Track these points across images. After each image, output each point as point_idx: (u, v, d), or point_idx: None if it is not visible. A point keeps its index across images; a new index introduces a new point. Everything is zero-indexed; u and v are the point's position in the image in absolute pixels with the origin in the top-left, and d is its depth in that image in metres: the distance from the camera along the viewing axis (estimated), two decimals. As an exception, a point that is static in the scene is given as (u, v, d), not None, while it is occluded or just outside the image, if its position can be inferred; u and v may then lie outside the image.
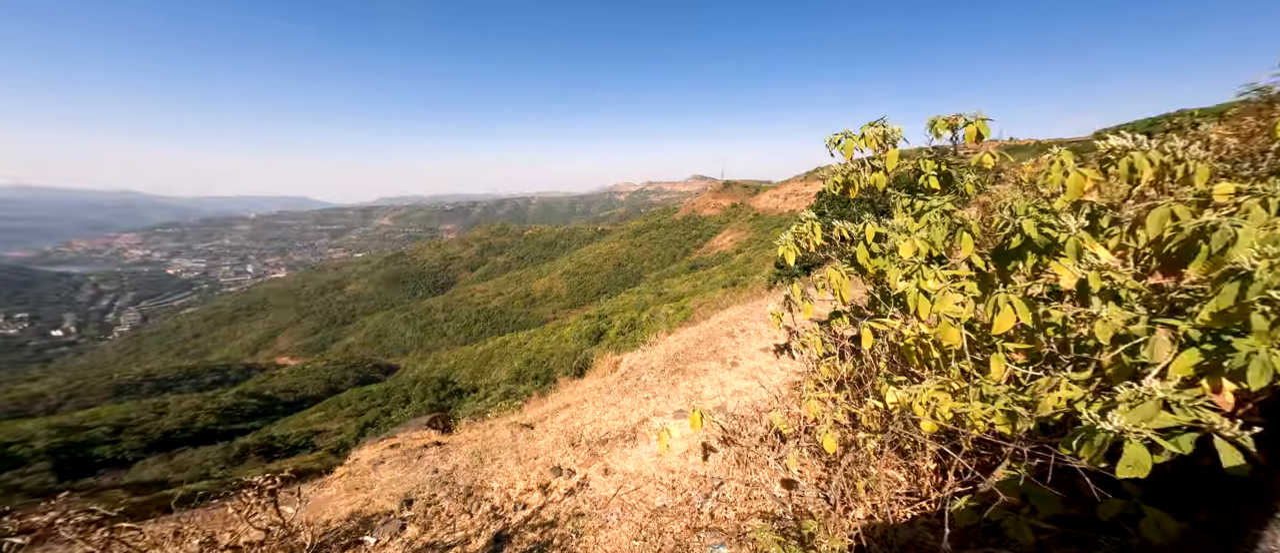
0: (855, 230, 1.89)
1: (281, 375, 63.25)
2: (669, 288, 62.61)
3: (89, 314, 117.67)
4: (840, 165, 2.13)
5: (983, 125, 1.69)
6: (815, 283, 2.11)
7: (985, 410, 1.21)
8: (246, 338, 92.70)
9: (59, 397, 50.61)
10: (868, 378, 2.05)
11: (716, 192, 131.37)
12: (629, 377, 5.01)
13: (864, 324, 1.69)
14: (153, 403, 44.95)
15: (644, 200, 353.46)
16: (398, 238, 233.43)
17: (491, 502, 3.07)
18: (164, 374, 61.12)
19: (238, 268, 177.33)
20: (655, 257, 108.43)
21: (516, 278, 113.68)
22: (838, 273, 1.85)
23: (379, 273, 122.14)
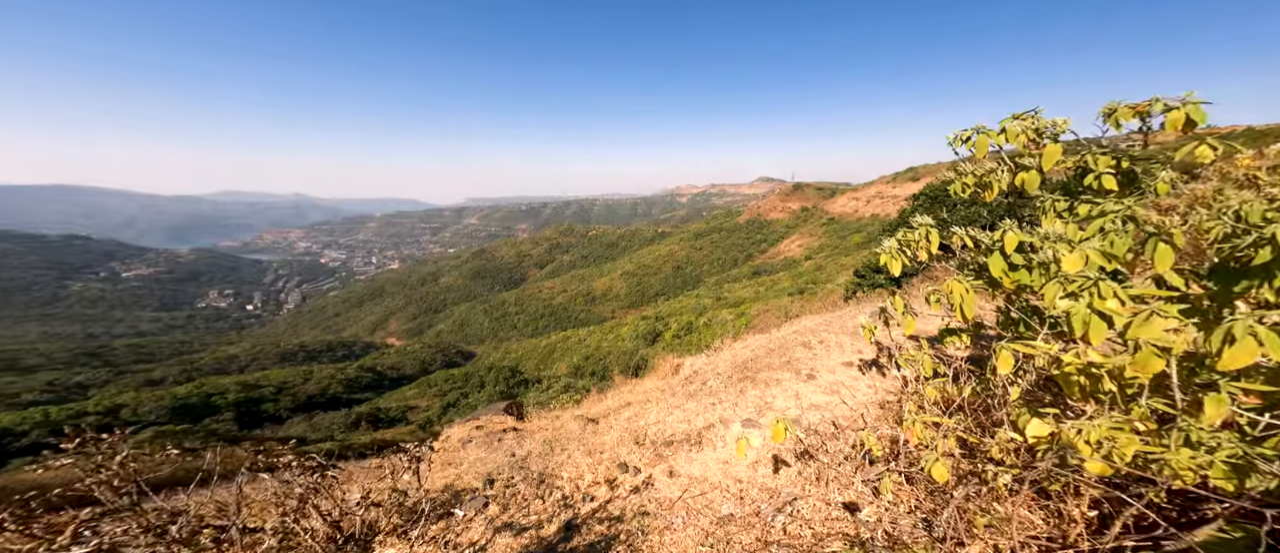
0: (987, 238, 1.62)
1: (389, 354, 74.75)
2: (729, 293, 60.54)
3: (269, 293, 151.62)
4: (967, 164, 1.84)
5: (1196, 110, 1.30)
6: (927, 296, 1.87)
7: (1197, 459, 0.95)
8: (368, 319, 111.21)
9: (246, 359, 65.71)
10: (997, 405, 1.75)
11: (785, 194, 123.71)
12: (693, 381, 4.95)
13: (1001, 346, 1.45)
14: (302, 370, 56.02)
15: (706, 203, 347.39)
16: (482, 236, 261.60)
17: (562, 490, 3.23)
18: (312, 346, 75.99)
19: (366, 260, 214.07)
20: (715, 260, 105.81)
21: (579, 276, 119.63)
22: (962, 286, 1.60)
23: (466, 267, 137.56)
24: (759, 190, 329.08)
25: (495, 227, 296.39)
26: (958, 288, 1.62)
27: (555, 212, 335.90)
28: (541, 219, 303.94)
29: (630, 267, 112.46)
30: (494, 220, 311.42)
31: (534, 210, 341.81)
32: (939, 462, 1.60)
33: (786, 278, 57.97)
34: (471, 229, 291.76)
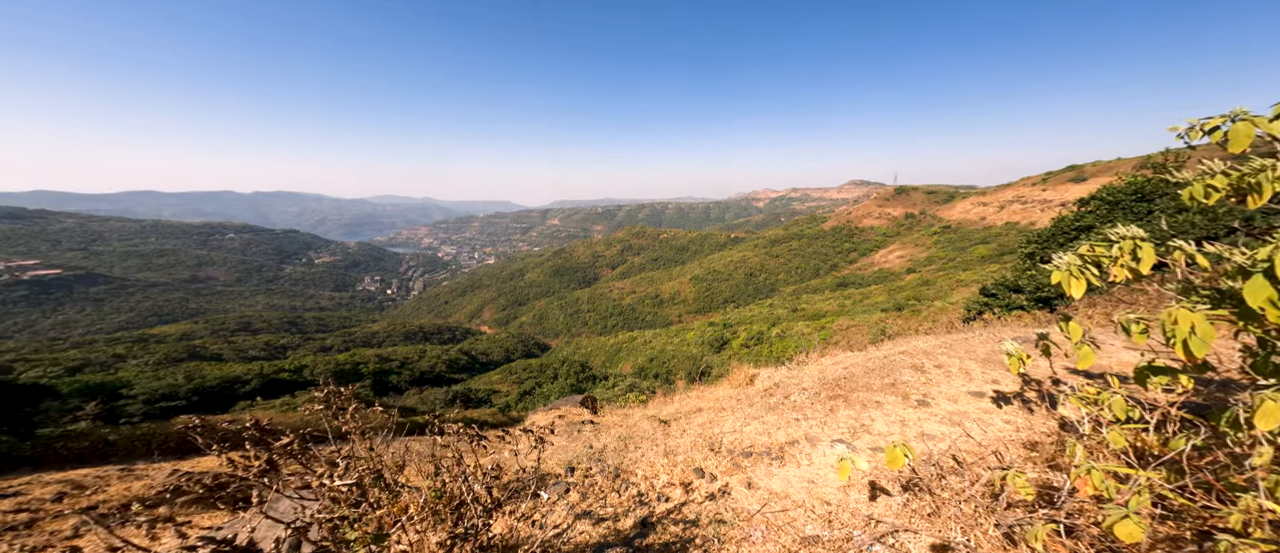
0: (1242, 255, 1.17)
1: (481, 340, 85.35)
2: (807, 305, 55.47)
3: (402, 281, 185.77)
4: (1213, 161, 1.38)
5: None
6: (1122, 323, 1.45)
7: None
8: (468, 307, 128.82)
9: (382, 336, 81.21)
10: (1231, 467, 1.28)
11: (883, 199, 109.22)
12: (773, 393, 4.65)
13: (1263, 396, 1.06)
14: (418, 348, 67.04)
15: (784, 208, 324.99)
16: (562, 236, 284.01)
17: (637, 487, 3.29)
18: (427, 329, 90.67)
19: (470, 255, 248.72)
20: (794, 269, 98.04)
21: (649, 279, 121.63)
22: (1195, 317, 1.19)
23: (546, 265, 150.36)
24: (849, 194, 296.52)
25: (574, 228, 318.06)
26: (1188, 319, 1.22)
27: (629, 214, 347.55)
28: (616, 221, 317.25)
29: (699, 271, 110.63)
30: (573, 222, 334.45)
31: (609, 212, 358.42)
32: (1128, 519, 1.23)
33: (881, 292, 50.95)
34: (553, 229, 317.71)
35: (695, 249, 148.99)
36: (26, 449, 8.54)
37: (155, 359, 46.31)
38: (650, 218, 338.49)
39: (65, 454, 8.53)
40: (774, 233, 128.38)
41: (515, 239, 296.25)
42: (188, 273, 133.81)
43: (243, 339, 64.96)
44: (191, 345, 56.37)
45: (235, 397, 34.43)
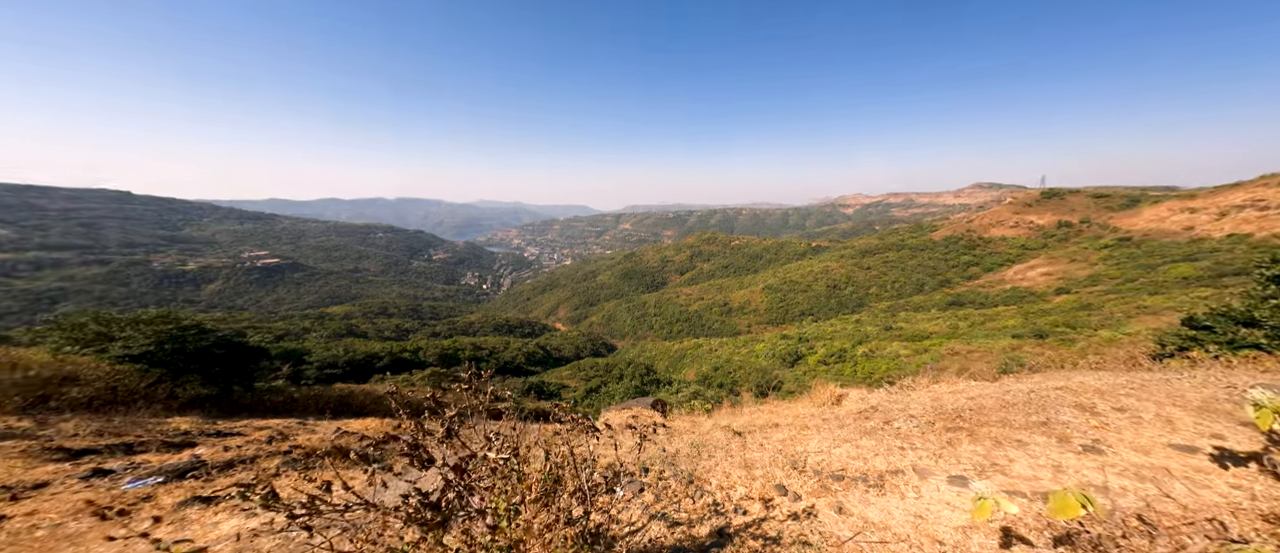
0: None
1: (556, 336, 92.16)
2: (906, 324, 47.89)
3: (495, 277, 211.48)
4: None
5: None
6: None
7: None
8: (546, 304, 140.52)
9: (477, 326, 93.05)
10: None
11: (1022, 205, 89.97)
12: (869, 417, 4.13)
13: None
14: (503, 339, 75.14)
15: (880, 215, 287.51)
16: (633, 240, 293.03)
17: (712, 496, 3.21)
18: (512, 322, 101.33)
19: (551, 255, 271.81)
20: (889, 283, 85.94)
21: (718, 286, 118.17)
22: None
23: (618, 268, 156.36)
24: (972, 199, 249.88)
25: (645, 232, 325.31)
26: None
27: (700, 220, 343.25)
28: (687, 227, 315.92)
29: (773, 281, 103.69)
30: (644, 226, 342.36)
31: (680, 217, 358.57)
32: None
33: (1013, 315, 41.65)
34: (625, 234, 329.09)
35: (769, 257, 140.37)
36: (247, 398, 11.78)
37: (327, 333, 60.13)
38: (722, 224, 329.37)
39: (268, 405, 11.53)
40: (865, 242, 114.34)
41: (590, 242, 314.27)
42: (351, 265, 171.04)
43: (381, 321, 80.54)
44: (350, 324, 71.78)
45: (373, 369, 42.62)
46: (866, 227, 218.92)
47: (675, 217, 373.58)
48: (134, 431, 6.19)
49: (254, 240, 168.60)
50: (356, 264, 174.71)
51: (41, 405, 7.87)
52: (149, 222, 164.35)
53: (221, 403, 10.97)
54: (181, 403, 9.59)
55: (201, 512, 2.31)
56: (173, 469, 3.87)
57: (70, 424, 6.70)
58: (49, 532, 1.95)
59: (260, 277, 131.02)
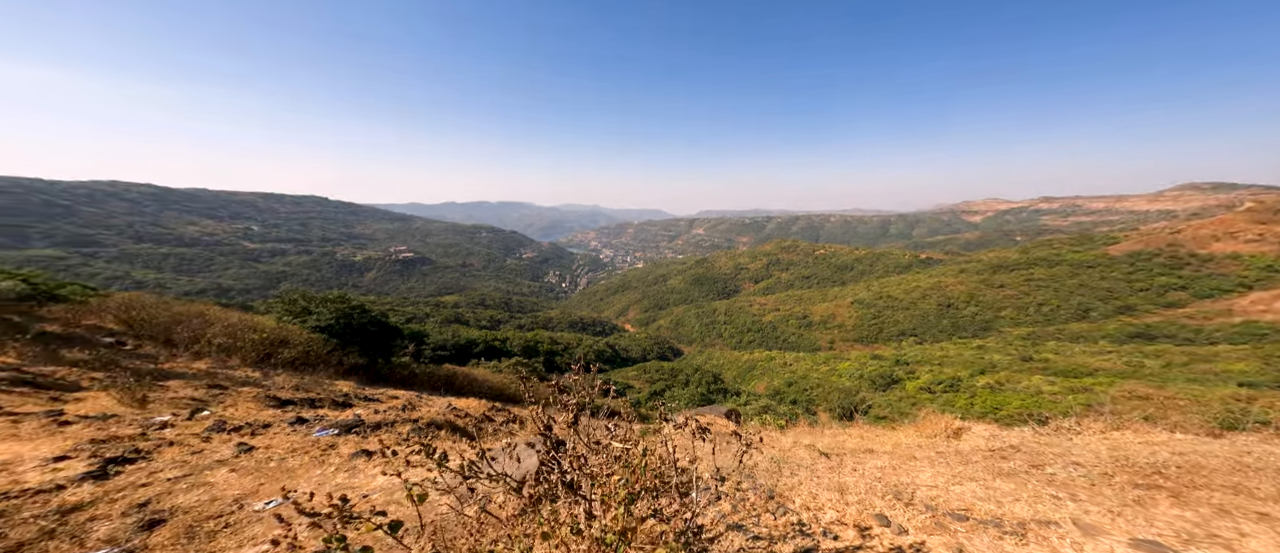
0: None
1: (625, 337, 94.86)
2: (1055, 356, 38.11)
3: (573, 277, 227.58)
4: None
5: None
6: None
7: None
8: (618, 305, 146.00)
9: (555, 322, 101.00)
10: None
11: (1272, 212, 65.62)
12: (1006, 456, 3.40)
13: None
14: (576, 336, 79.98)
15: (1024, 223, 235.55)
16: (706, 246, 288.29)
17: (797, 515, 3.00)
18: (585, 320, 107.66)
19: (624, 258, 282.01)
20: (1032, 305, 69.70)
21: (797, 297, 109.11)
22: None
23: (689, 273, 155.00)
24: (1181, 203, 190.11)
25: (718, 238, 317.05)
26: None
27: (780, 227, 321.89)
28: (763, 233, 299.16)
29: (866, 295, 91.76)
30: (718, 232, 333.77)
31: (757, 224, 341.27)
32: None
33: (1245, 357, 30.34)
34: (698, 239, 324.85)
35: (862, 269, 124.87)
36: (385, 370, 14.45)
37: (440, 319, 71.38)
38: (805, 231, 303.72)
39: (397, 377, 14.00)
40: (997, 255, 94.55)
41: (662, 246, 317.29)
42: (461, 260, 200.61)
43: (480, 311, 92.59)
44: (457, 312, 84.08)
45: (471, 354, 49.14)
46: (1002, 237, 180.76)
47: (751, 222, 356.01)
48: (315, 389, 8.13)
49: (398, 238, 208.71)
50: (465, 260, 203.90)
51: (265, 361, 10.78)
52: (335, 221, 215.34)
53: (368, 372, 13.71)
54: (344, 369, 12.26)
55: (366, 463, 2.95)
56: (343, 425, 4.99)
57: (281, 378, 9.03)
58: (278, 464, 2.70)
59: (400, 268, 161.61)
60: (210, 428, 4.15)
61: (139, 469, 2.40)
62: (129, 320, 11.28)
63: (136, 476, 2.34)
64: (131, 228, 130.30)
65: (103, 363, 7.01)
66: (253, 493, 2.38)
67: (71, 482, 2.17)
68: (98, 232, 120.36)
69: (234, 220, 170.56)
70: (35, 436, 3.02)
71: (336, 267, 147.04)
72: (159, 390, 5.42)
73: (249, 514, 2.24)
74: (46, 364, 6.10)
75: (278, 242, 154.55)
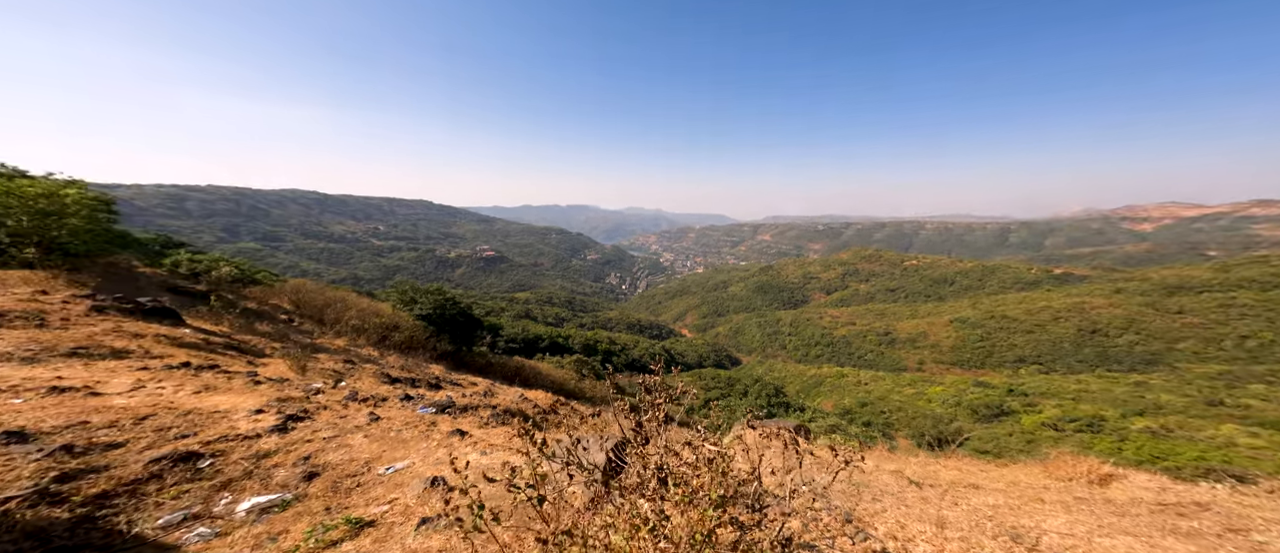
0: None
1: (681, 342, 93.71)
2: (1269, 402, 28.40)
3: (633, 279, 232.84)
4: None
5: None
6: None
7: None
8: (675, 309, 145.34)
9: (613, 322, 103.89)
10: None
11: None
12: (1188, 514, 2.70)
13: None
14: (633, 338, 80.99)
15: (1226, 234, 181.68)
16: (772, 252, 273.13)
17: (879, 543, 2.72)
18: (642, 323, 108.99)
19: (684, 262, 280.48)
20: (1227, 337, 53.53)
21: (878, 312, 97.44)
22: None
23: (751, 281, 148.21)
24: None
25: (786, 244, 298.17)
26: None
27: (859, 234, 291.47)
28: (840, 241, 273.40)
29: (971, 313, 78.35)
30: (786, 238, 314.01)
31: (832, 230, 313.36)
32: None
33: None
34: (763, 245, 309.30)
35: (967, 283, 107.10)
36: (467, 357, 16.17)
37: (512, 314, 78.22)
38: (892, 239, 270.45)
39: (476, 365, 15.58)
40: (1178, 272, 74.41)
41: (724, 251, 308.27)
42: (533, 260, 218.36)
43: (547, 308, 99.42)
44: (527, 308, 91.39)
45: (536, 349, 52.80)
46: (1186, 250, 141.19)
47: (827, 229, 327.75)
48: (415, 370, 9.49)
49: (483, 238, 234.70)
50: (536, 259, 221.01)
51: (382, 342, 12.87)
52: (436, 222, 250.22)
53: (454, 358, 15.52)
54: (436, 354, 14.09)
55: (459, 441, 3.38)
56: (439, 404, 5.77)
57: (392, 358, 10.68)
58: (396, 435, 3.26)
59: (483, 265, 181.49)
60: (347, 397, 5.12)
61: (305, 427, 3.08)
62: (296, 302, 14.30)
63: (303, 432, 3.00)
64: (302, 227, 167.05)
65: (279, 335, 9.01)
66: (378, 458, 2.89)
67: (264, 432, 2.88)
68: (281, 229, 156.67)
69: (366, 220, 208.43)
70: (242, 391, 4.04)
71: (435, 262, 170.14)
72: (314, 361, 6.84)
73: (374, 476, 2.72)
74: (246, 334, 8.08)
75: (395, 239, 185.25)
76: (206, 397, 3.55)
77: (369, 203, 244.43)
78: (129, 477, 2.22)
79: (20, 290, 6.14)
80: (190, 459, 2.45)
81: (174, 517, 2.10)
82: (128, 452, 2.38)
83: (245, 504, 2.25)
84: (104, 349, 4.71)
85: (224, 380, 4.37)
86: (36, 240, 8.05)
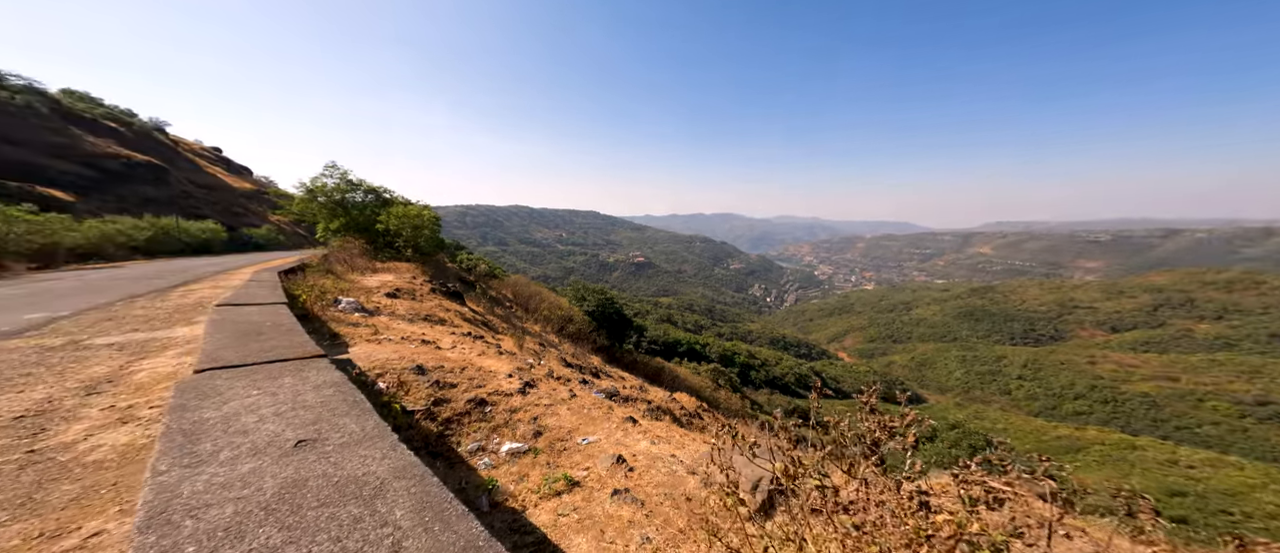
0: None
1: (836, 366, 79.35)
2: None
3: (779, 292, 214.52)
4: None
5: None
6: None
7: None
8: (831, 329, 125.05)
9: (754, 336, 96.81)
10: None
11: None
12: None
13: None
14: (776, 355, 73.49)
15: None
16: (995, 269, 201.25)
17: None
18: (788, 340, 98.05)
19: (845, 276, 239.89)
20: None
21: (1238, 364, 57.81)
22: None
23: (952, 304, 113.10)
24: None
25: (1023, 259, 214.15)
26: None
27: (1188, 248, 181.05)
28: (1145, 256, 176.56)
29: None
30: (1023, 251, 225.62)
31: (1118, 240, 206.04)
32: None
33: None
34: (976, 260, 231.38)
35: None
36: (617, 353, 18.12)
37: (656, 318, 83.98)
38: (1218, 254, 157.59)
39: (624, 361, 17.28)
40: None
41: (907, 265, 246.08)
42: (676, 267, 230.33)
43: (687, 315, 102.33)
44: (669, 313, 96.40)
45: (675, 353, 54.66)
46: None
47: (1111, 240, 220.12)
48: (581, 359, 11.39)
49: (635, 245, 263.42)
50: (680, 267, 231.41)
51: (561, 331, 16.03)
52: (601, 230, 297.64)
53: (608, 352, 17.76)
54: (595, 347, 16.51)
55: (632, 428, 3.97)
56: (606, 392, 6.85)
57: (566, 346, 13.06)
58: (586, 413, 4.09)
59: (634, 270, 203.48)
60: (546, 375, 6.73)
61: (534, 394, 4.25)
62: (515, 293, 19.35)
63: (532, 397, 4.15)
64: (519, 233, 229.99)
65: (505, 317, 12.47)
66: (576, 430, 3.70)
67: (515, 392, 4.14)
68: (507, 236, 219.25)
69: (554, 228, 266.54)
70: (495, 357, 5.89)
71: (598, 266, 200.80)
72: (527, 341, 9.24)
73: (575, 444, 3.49)
74: (490, 314, 11.59)
75: (572, 245, 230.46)
76: (483, 358, 5.34)
77: (556, 214, 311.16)
78: (458, 410, 3.60)
79: (405, 275, 10.59)
80: (482, 405, 3.75)
81: (472, 446, 3.27)
82: (457, 392, 3.87)
83: (507, 446, 3.28)
84: (436, 317, 7.67)
85: (485, 347, 6.45)
86: (410, 243, 13.77)
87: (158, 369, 3.22)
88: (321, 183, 13.52)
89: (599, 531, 2.28)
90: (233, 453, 1.60)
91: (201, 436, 1.73)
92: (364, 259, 11.62)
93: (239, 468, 1.50)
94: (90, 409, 2.55)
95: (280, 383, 2.29)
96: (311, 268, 9.96)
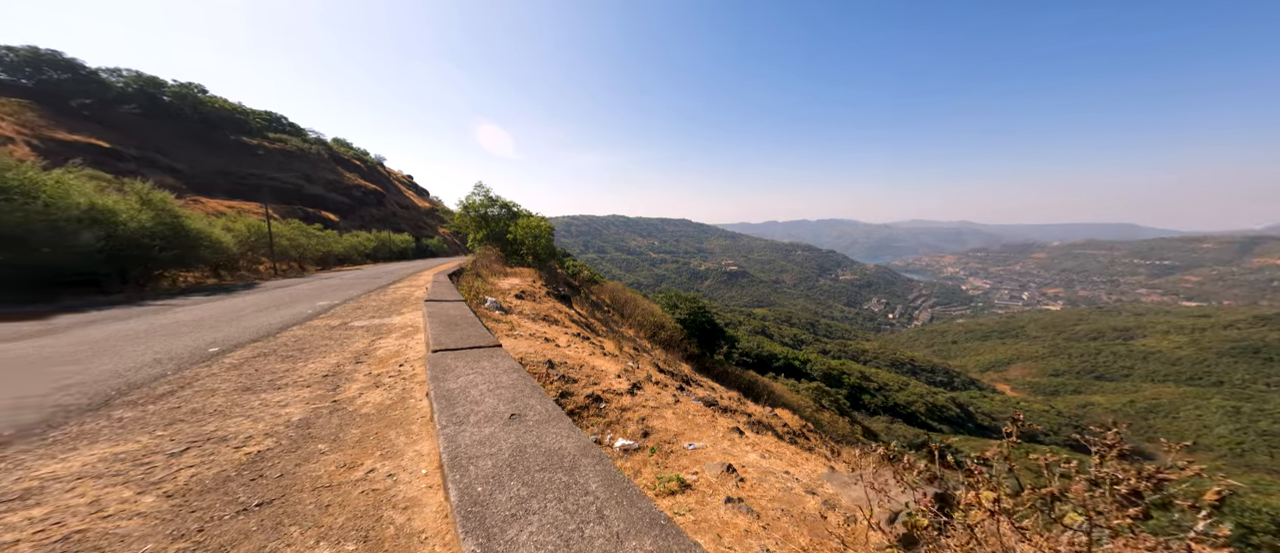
0: None
1: (991, 399, 62.22)
2: None
3: (907, 307, 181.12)
4: None
5: None
6: None
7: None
8: (984, 356, 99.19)
9: (870, 355, 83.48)
10: None
11: None
12: None
13: None
14: (900, 379, 61.35)
15: None
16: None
17: None
18: (918, 363, 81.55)
19: (1014, 293, 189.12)
20: None
21: None
22: None
23: (1215, 335, 79.50)
24: None
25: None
26: None
27: None
28: None
29: None
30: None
31: None
32: None
33: None
34: (1262, 275, 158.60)
35: None
36: (707, 362, 17.65)
37: (749, 329, 79.44)
38: None
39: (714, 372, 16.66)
40: None
41: (1127, 281, 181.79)
42: (774, 276, 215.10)
43: (784, 328, 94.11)
44: (763, 325, 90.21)
45: (769, 366, 50.55)
46: None
47: None
48: (672, 366, 11.46)
49: (728, 253, 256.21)
50: (778, 276, 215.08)
51: (652, 337, 16.45)
52: (693, 238, 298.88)
53: (698, 361, 17.44)
54: (685, 355, 16.44)
55: (738, 438, 3.92)
56: (703, 399, 6.83)
57: (657, 352, 13.30)
58: (690, 419, 4.19)
59: (727, 279, 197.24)
60: (646, 378, 7.07)
61: (640, 395, 4.55)
62: (612, 299, 20.72)
63: (640, 399, 4.45)
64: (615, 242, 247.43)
65: (604, 320, 13.44)
66: (681, 434, 3.82)
67: (624, 392, 4.51)
68: (605, 244, 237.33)
69: (647, 236, 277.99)
70: (603, 359, 6.47)
71: (690, 274, 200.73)
72: (624, 345, 9.84)
73: (680, 448, 3.61)
74: (592, 318, 12.68)
75: (664, 253, 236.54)
76: (593, 358, 5.94)
77: (649, 223, 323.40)
78: (579, 404, 4.10)
79: (527, 278, 12.41)
80: (598, 401, 4.20)
81: (592, 438, 3.68)
82: (577, 387, 4.42)
83: (620, 442, 3.60)
84: (551, 317, 8.80)
85: (593, 348, 7.14)
86: (531, 251, 16.12)
87: (388, 347, 4.52)
88: (472, 200, 16.96)
89: (716, 535, 2.33)
90: (477, 418, 2.09)
91: (454, 402, 2.39)
92: (498, 264, 14.03)
93: (483, 430, 1.93)
94: (357, 374, 3.74)
95: (481, 366, 2.99)
96: (466, 271, 12.46)
